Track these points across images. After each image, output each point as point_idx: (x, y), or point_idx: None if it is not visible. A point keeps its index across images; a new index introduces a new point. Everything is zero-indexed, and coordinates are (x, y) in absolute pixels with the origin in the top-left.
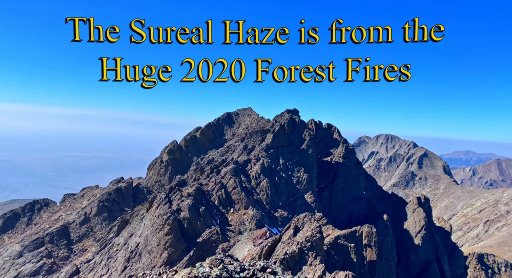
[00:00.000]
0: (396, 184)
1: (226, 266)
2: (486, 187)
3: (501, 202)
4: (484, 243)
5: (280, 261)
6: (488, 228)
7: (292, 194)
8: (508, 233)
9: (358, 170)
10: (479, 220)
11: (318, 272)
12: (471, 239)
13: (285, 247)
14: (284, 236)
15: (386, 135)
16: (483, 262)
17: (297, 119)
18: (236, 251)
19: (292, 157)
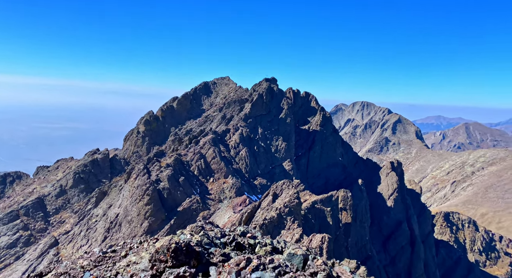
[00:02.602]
0: (371, 150)
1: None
2: (455, 150)
3: (467, 164)
4: (450, 202)
5: (260, 226)
6: (455, 189)
7: (270, 162)
8: (473, 192)
9: (335, 137)
10: (447, 181)
11: (296, 235)
12: (439, 199)
13: (264, 213)
14: (263, 203)
15: (362, 102)
16: (449, 220)
17: (275, 88)
18: (217, 218)
19: (270, 126)
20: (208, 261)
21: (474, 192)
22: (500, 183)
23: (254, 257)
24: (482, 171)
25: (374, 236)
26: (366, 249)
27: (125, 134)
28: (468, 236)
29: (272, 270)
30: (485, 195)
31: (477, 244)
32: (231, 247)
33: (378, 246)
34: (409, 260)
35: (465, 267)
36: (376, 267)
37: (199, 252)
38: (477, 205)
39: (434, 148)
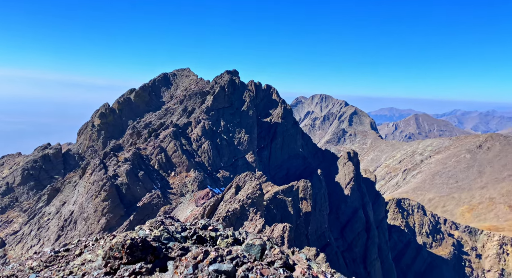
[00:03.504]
0: (329, 141)
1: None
2: (406, 139)
3: (417, 153)
4: (402, 189)
5: (223, 219)
6: (406, 176)
7: (233, 155)
8: (422, 179)
9: (295, 129)
10: (399, 169)
11: (259, 226)
12: (391, 186)
13: (227, 205)
14: (226, 195)
15: (320, 95)
16: (400, 206)
17: (237, 81)
18: (179, 212)
19: (233, 119)
20: (166, 256)
21: (423, 179)
22: (444, 170)
23: (212, 250)
24: (430, 159)
25: (332, 223)
26: (325, 236)
27: (78, 128)
28: (417, 220)
29: (230, 261)
30: (432, 181)
31: (425, 227)
32: (192, 241)
33: (336, 233)
34: (365, 245)
35: (414, 249)
36: (334, 253)
37: (156, 247)
38: (425, 191)
39: (387, 138)
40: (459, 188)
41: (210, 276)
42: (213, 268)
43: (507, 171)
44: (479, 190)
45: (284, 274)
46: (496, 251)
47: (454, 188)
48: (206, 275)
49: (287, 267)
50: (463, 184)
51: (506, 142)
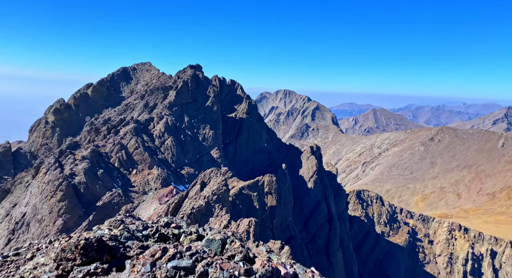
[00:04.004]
0: (293, 136)
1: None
2: (365, 133)
3: (375, 146)
4: (361, 181)
5: (187, 216)
6: (365, 169)
7: (198, 151)
8: (380, 171)
9: (260, 124)
10: (359, 162)
11: (224, 221)
12: (352, 179)
13: (192, 202)
14: (191, 192)
15: (284, 91)
16: (360, 197)
17: (200, 76)
18: (142, 211)
19: (197, 114)
20: (124, 255)
21: (381, 171)
22: (400, 162)
23: (171, 246)
24: (387, 152)
25: (297, 216)
26: (289, 229)
27: (30, 125)
28: (375, 211)
29: (189, 257)
30: (389, 173)
31: (383, 217)
32: (154, 239)
33: (300, 226)
34: (327, 236)
35: (373, 238)
36: (298, 246)
37: (113, 246)
38: (383, 182)
39: (347, 132)
40: (413, 178)
41: (169, 273)
42: (172, 264)
43: (456, 162)
44: (431, 180)
45: (244, 267)
46: (446, 237)
47: (409, 179)
48: (165, 272)
49: (247, 260)
50: (417, 174)
51: (454, 134)
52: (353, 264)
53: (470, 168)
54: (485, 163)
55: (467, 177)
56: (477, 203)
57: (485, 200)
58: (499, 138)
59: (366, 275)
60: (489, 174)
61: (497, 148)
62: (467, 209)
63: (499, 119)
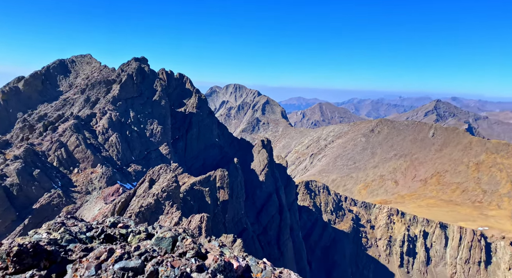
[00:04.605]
0: (245, 130)
1: (68, 228)
2: (312, 126)
3: (321, 138)
4: (309, 172)
5: (136, 215)
6: (313, 160)
7: (146, 147)
8: (326, 162)
9: (211, 119)
10: (307, 154)
11: (175, 218)
12: (301, 170)
13: (141, 200)
14: (139, 190)
15: (234, 85)
16: (308, 187)
17: (146, 69)
18: (85, 212)
19: (143, 109)
20: (65, 259)
21: (327, 162)
22: (344, 153)
23: (118, 247)
24: (332, 143)
25: (249, 209)
26: (241, 222)
27: None
28: (323, 200)
29: (138, 257)
30: (335, 163)
31: (329, 205)
32: (99, 240)
33: (252, 218)
34: (278, 227)
35: (321, 226)
36: (250, 238)
37: (52, 251)
38: (329, 173)
39: (296, 125)
40: (356, 168)
41: (116, 275)
42: (119, 266)
43: (393, 151)
44: (372, 169)
45: (196, 263)
46: (385, 221)
47: (353, 168)
48: (111, 275)
49: (199, 256)
50: (360, 164)
51: (392, 126)
52: (302, 252)
53: (406, 157)
54: (418, 152)
55: (403, 165)
56: (412, 188)
57: (419, 185)
58: (429, 128)
59: (315, 262)
60: (422, 162)
61: (428, 137)
62: (404, 194)
63: (430, 111)
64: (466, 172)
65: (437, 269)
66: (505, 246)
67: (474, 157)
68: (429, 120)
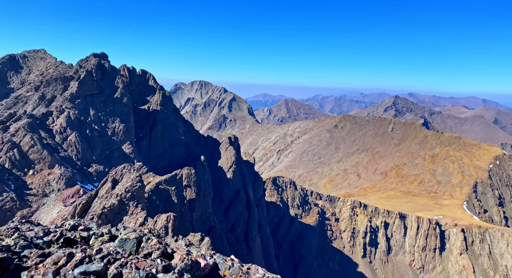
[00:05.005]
0: (211, 127)
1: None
2: (278, 123)
3: (288, 134)
4: (277, 168)
5: (98, 217)
6: (280, 156)
7: (107, 147)
8: (292, 158)
9: (176, 116)
10: (274, 150)
11: (140, 219)
12: (268, 166)
13: (103, 201)
14: (101, 191)
15: (200, 82)
16: (276, 183)
17: (106, 65)
18: (42, 215)
19: (104, 107)
20: (19, 266)
21: (293, 158)
22: (310, 148)
23: (78, 251)
24: (298, 139)
25: (217, 206)
26: (209, 220)
27: None
28: (289, 195)
29: (100, 260)
30: (301, 159)
31: (296, 200)
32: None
33: (220, 216)
34: (246, 224)
35: (288, 221)
36: (218, 236)
37: (3, 258)
38: (295, 168)
39: (263, 122)
40: (321, 163)
41: None
42: (79, 270)
43: (356, 146)
44: (336, 164)
45: (162, 264)
46: (349, 214)
47: (318, 164)
48: None
49: (165, 256)
50: (325, 159)
51: (354, 121)
52: (270, 247)
53: (367, 151)
54: (379, 146)
55: (365, 159)
56: (373, 181)
57: (379, 178)
58: (389, 123)
59: (282, 256)
60: (382, 156)
61: (388, 132)
62: (366, 187)
63: (389, 106)
64: (422, 164)
65: (397, 258)
66: (457, 233)
67: (430, 150)
68: (388, 116)
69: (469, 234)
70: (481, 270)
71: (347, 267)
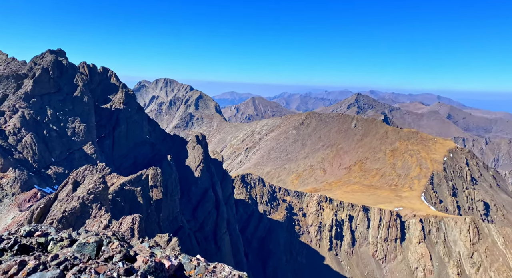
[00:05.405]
0: (178, 126)
1: None
2: (246, 121)
3: (256, 132)
4: (245, 166)
5: (58, 221)
6: (248, 154)
7: (67, 147)
8: (260, 155)
9: (141, 115)
10: (242, 148)
11: (104, 221)
12: (236, 164)
13: (64, 204)
14: (61, 194)
15: (165, 79)
16: (244, 181)
17: (64, 62)
18: None
19: (63, 106)
20: None
21: (262, 155)
22: (278, 145)
23: (31, 258)
24: (266, 137)
25: (185, 206)
26: (177, 220)
27: None
28: (258, 192)
29: (56, 266)
30: (269, 156)
31: (265, 197)
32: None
33: (188, 215)
34: (215, 222)
35: (257, 218)
36: (187, 235)
37: None
38: (264, 165)
39: (230, 120)
40: (289, 159)
41: None
42: None
43: (321, 142)
44: (303, 160)
45: (124, 267)
46: (316, 208)
47: (285, 160)
48: None
49: (128, 259)
50: (292, 156)
51: (319, 118)
52: (239, 245)
53: (332, 147)
54: (343, 142)
55: (330, 154)
56: (338, 176)
57: (344, 173)
58: (352, 120)
59: (251, 253)
60: (346, 151)
61: (351, 128)
62: (331, 182)
63: (352, 103)
64: (383, 159)
65: (361, 249)
66: (416, 223)
67: (390, 145)
68: (351, 112)
69: (426, 223)
70: (437, 257)
71: (314, 260)
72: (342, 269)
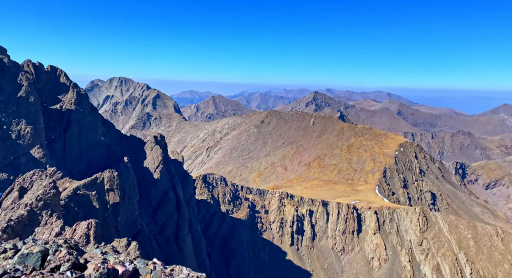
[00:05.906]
0: (134, 126)
1: None
2: (207, 120)
3: (217, 131)
4: (207, 165)
5: (2, 231)
6: (209, 153)
7: (12, 152)
8: (222, 154)
9: (94, 115)
10: (203, 147)
11: (56, 229)
12: (198, 164)
13: (9, 213)
14: (6, 201)
15: (119, 78)
16: (206, 180)
17: (6, 60)
18: None
19: (6, 107)
20: None
21: (223, 154)
22: (239, 144)
23: None
24: (227, 135)
25: (144, 209)
26: (136, 224)
27: None
28: (220, 191)
29: None
30: (231, 155)
31: (227, 196)
32: None
33: (148, 218)
34: (176, 224)
35: (219, 217)
36: (146, 239)
37: None
38: (225, 164)
39: (190, 119)
40: (250, 158)
41: None
42: None
43: (282, 140)
44: (264, 158)
45: (72, 276)
46: (277, 205)
47: (247, 159)
48: None
49: (77, 267)
50: (253, 154)
51: (279, 117)
52: (202, 245)
53: (292, 144)
54: (302, 139)
55: (290, 152)
56: (298, 172)
57: (304, 169)
58: (310, 118)
59: (214, 253)
60: (305, 148)
61: (309, 125)
62: (292, 178)
63: (310, 102)
64: (340, 154)
65: (321, 243)
66: (371, 215)
67: (346, 141)
68: (309, 110)
69: (381, 215)
70: (391, 247)
71: (276, 256)
72: (304, 263)
